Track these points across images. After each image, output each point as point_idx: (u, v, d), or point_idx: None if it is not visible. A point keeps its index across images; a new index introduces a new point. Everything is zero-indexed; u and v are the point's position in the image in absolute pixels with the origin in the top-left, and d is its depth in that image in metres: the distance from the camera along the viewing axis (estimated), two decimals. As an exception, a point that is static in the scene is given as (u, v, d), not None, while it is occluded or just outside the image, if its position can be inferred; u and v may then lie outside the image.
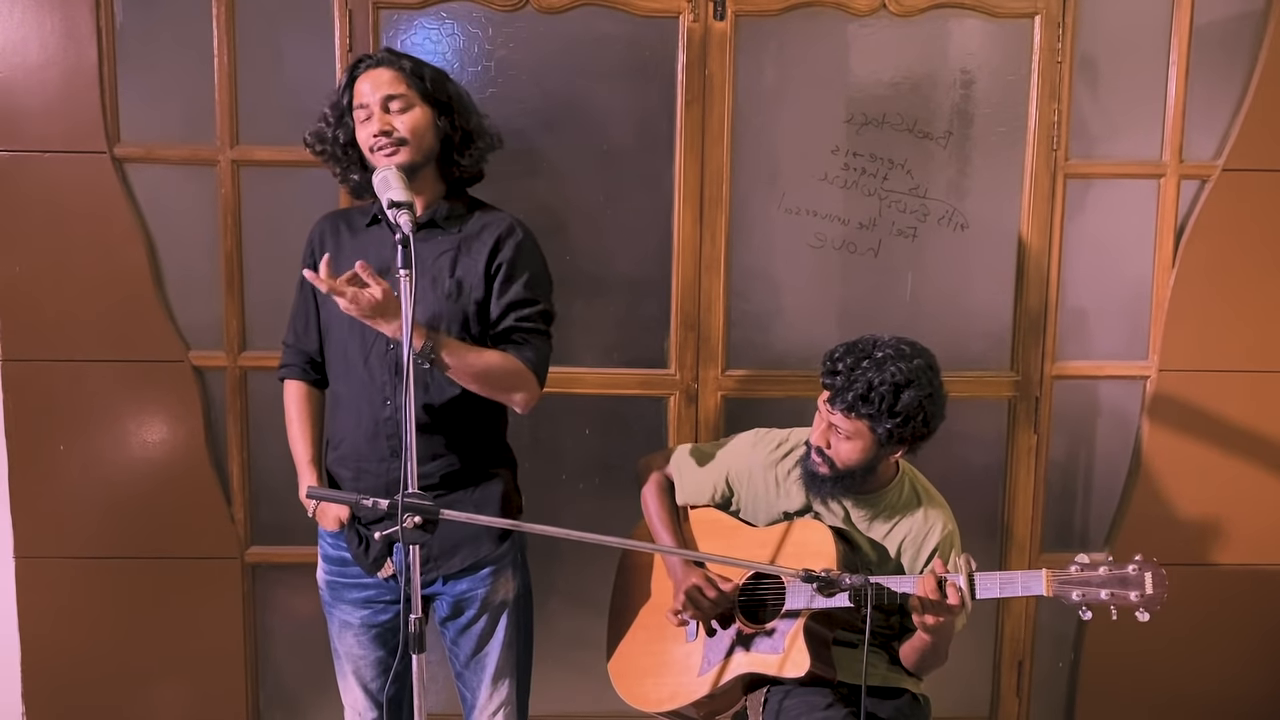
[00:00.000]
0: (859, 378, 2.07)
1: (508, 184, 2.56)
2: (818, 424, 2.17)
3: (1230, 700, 3.00)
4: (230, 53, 2.67)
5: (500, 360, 2.10)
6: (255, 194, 2.74)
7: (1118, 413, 2.93)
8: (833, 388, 2.11)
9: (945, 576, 2.01)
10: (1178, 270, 2.82)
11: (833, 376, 2.12)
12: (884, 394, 2.05)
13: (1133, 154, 2.81)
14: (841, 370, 2.10)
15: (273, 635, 2.93)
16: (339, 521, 2.21)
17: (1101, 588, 1.92)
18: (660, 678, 2.32)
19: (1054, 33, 2.72)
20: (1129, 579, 1.92)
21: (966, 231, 2.82)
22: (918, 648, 2.16)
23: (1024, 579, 1.98)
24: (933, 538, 2.19)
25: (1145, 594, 1.90)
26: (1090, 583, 1.93)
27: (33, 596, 2.83)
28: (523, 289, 2.14)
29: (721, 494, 2.37)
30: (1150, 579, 1.90)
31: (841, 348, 2.15)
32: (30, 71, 2.64)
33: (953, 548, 2.21)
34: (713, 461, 2.38)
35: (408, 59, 2.12)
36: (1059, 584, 1.94)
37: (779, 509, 2.29)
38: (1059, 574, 1.95)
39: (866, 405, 2.06)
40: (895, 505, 2.23)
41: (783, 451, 2.32)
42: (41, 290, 2.72)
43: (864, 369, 2.07)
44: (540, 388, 2.17)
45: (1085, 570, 1.94)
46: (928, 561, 2.18)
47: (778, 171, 2.78)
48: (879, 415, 2.07)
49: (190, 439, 2.80)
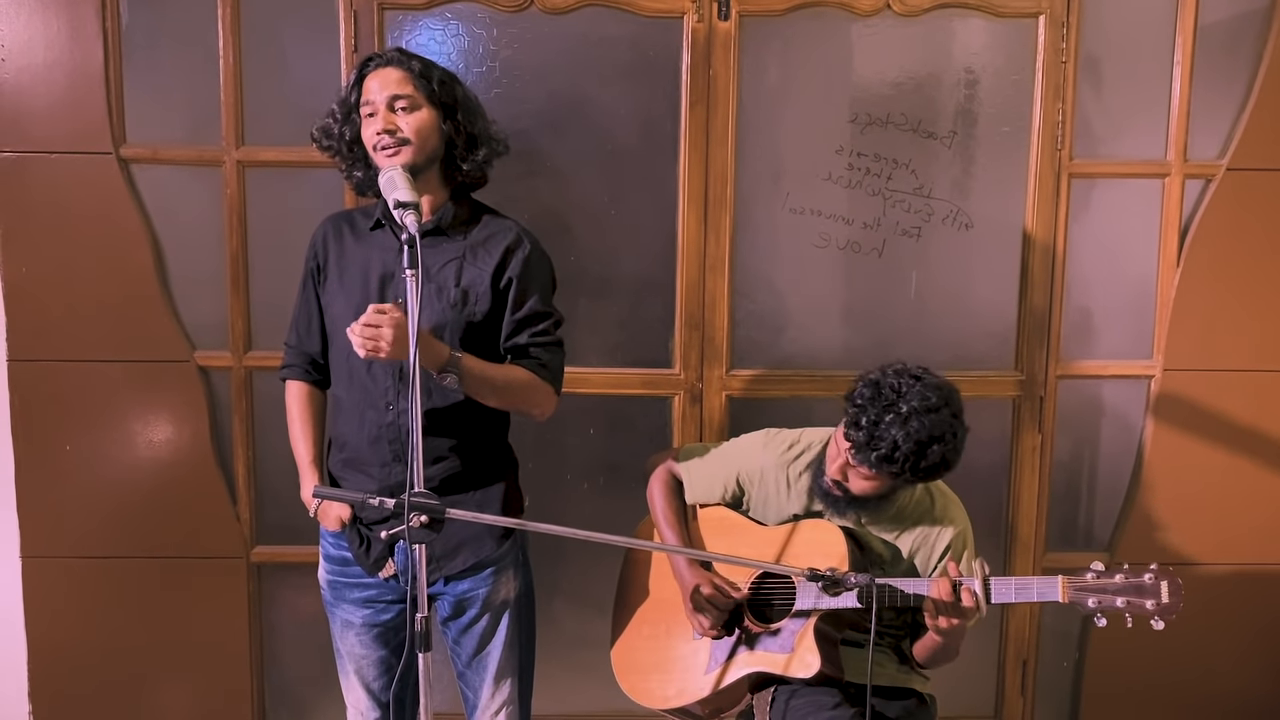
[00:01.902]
0: (883, 435, 2.01)
1: (512, 184, 2.57)
2: (834, 455, 2.14)
3: (1235, 699, 3.00)
4: (235, 53, 2.68)
5: (520, 376, 2.12)
6: (260, 194, 2.74)
7: (1122, 412, 2.93)
8: (855, 442, 2.04)
9: (960, 580, 2.01)
10: (1182, 270, 2.82)
11: (856, 429, 2.04)
12: (909, 453, 2.01)
13: (1137, 153, 2.81)
14: (865, 425, 2.02)
15: (278, 634, 2.94)
16: (340, 521, 2.21)
17: (1118, 595, 1.92)
18: (666, 675, 2.32)
19: (1058, 32, 2.72)
20: (1145, 587, 1.92)
21: (971, 231, 2.82)
22: (929, 646, 2.17)
23: (1040, 585, 1.98)
24: (945, 536, 2.20)
25: (1161, 602, 1.91)
26: (1106, 590, 1.93)
27: (39, 596, 2.84)
28: (537, 304, 2.16)
29: (732, 493, 2.36)
30: (1166, 587, 1.91)
31: (865, 390, 2.07)
32: (36, 72, 2.65)
33: (966, 546, 2.21)
34: (723, 460, 2.38)
35: (418, 60, 2.12)
36: (1075, 591, 1.94)
37: (789, 510, 2.29)
38: (1074, 580, 1.94)
39: (890, 464, 2.02)
40: (908, 506, 2.23)
41: (795, 453, 2.31)
42: (47, 290, 2.73)
43: (888, 424, 2.00)
44: (557, 398, 2.20)
45: (1101, 578, 1.94)
46: (940, 559, 2.19)
47: (782, 171, 2.78)
48: (902, 473, 2.04)
49: (195, 439, 2.81)
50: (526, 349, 2.15)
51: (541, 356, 2.16)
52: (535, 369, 2.14)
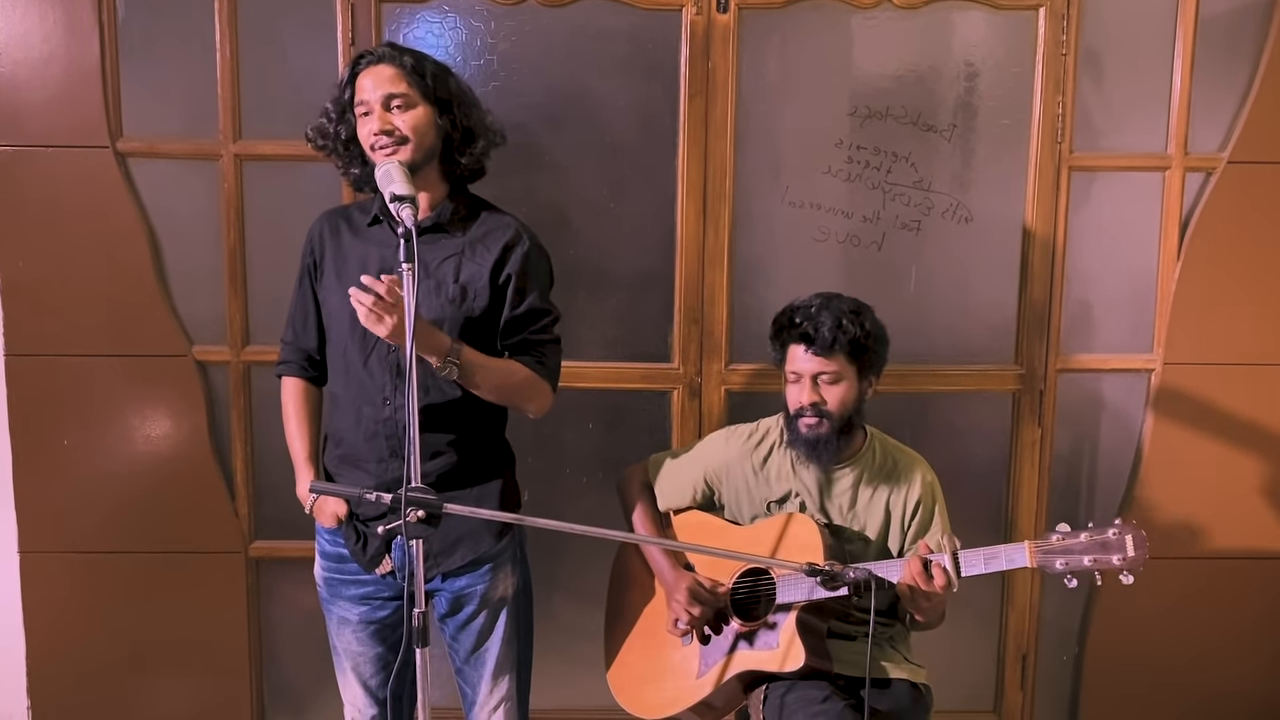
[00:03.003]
0: (823, 318, 2.18)
1: (511, 178, 2.56)
2: (795, 392, 2.23)
3: (1235, 691, 2.99)
4: (233, 47, 2.67)
5: (518, 372, 2.13)
6: (258, 188, 2.74)
7: (1122, 406, 2.92)
8: (805, 335, 2.19)
9: (930, 558, 2.04)
10: (1183, 263, 2.81)
11: (795, 328, 2.21)
12: (849, 320, 2.19)
13: (1138, 146, 2.80)
14: (801, 321, 2.20)
15: (277, 629, 2.94)
16: (336, 518, 2.20)
17: (1084, 554, 1.94)
18: (660, 683, 2.33)
19: (1058, 24, 2.71)
20: (1110, 543, 1.94)
21: (971, 224, 2.81)
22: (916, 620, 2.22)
23: (1007, 552, 2.01)
24: (915, 489, 2.27)
25: (1128, 556, 1.93)
26: (1072, 550, 1.95)
27: (37, 591, 2.84)
28: (535, 301, 2.16)
29: (702, 493, 2.40)
30: (1131, 540, 1.93)
31: (781, 314, 2.27)
32: (33, 66, 2.64)
33: (935, 497, 2.28)
34: (688, 463, 2.42)
35: (410, 54, 2.10)
36: (1042, 554, 1.97)
37: (761, 497, 2.32)
38: (1041, 544, 1.97)
39: (844, 334, 2.17)
40: (872, 469, 2.29)
41: (755, 441, 2.36)
42: (44, 285, 2.72)
43: (816, 310, 2.20)
44: (554, 395, 2.21)
45: (1066, 539, 1.97)
46: (914, 515, 2.25)
47: (781, 165, 2.78)
48: (855, 342, 2.18)
49: (194, 434, 2.80)
50: (525, 346, 2.16)
51: (540, 354, 2.16)
52: (534, 366, 2.15)
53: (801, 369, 2.22)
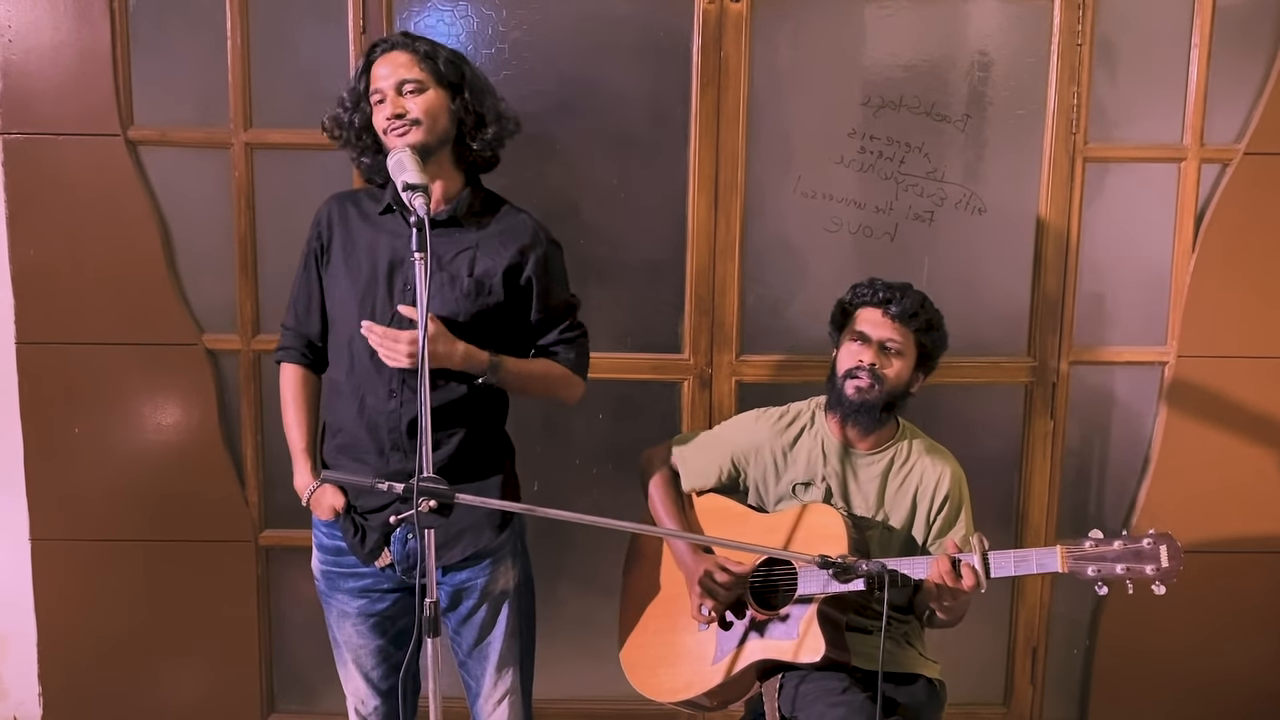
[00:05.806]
0: (907, 291, 2.25)
1: (522, 167, 2.56)
2: (855, 350, 2.26)
3: (1246, 686, 2.98)
4: (244, 35, 2.66)
5: (555, 371, 2.22)
6: (269, 177, 2.73)
7: (1135, 399, 2.91)
8: (886, 300, 2.24)
9: (959, 557, 2.02)
10: (1198, 255, 2.80)
11: (875, 292, 2.27)
12: (930, 305, 2.27)
13: (1153, 137, 2.78)
14: (882, 289, 2.26)
15: (286, 617, 2.94)
16: (334, 510, 2.18)
17: (1117, 562, 1.92)
18: (674, 667, 2.32)
19: (1074, 14, 2.69)
20: (1144, 553, 1.91)
21: (984, 216, 2.79)
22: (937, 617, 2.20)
23: (1039, 556, 1.99)
24: (944, 484, 2.26)
25: (1161, 566, 1.90)
26: (1105, 558, 1.93)
27: (48, 578, 2.85)
28: (560, 298, 2.22)
29: (728, 474, 2.38)
30: (1165, 551, 1.90)
31: (860, 283, 2.32)
32: (44, 54, 2.64)
33: (963, 494, 2.28)
34: (717, 442, 2.40)
35: (424, 41, 2.10)
36: (1074, 560, 1.94)
37: (788, 479, 2.32)
38: (1073, 549, 1.95)
39: (924, 311, 2.25)
40: (901, 459, 2.29)
41: (785, 422, 2.36)
42: (56, 273, 2.72)
43: (900, 285, 2.27)
44: (585, 384, 2.28)
45: (1100, 545, 1.94)
46: (941, 508, 2.24)
47: (793, 155, 2.76)
48: (930, 324, 2.25)
49: (204, 422, 2.80)
50: (557, 346, 2.22)
51: (572, 350, 2.24)
52: (568, 363, 2.22)
53: (871, 331, 2.24)
